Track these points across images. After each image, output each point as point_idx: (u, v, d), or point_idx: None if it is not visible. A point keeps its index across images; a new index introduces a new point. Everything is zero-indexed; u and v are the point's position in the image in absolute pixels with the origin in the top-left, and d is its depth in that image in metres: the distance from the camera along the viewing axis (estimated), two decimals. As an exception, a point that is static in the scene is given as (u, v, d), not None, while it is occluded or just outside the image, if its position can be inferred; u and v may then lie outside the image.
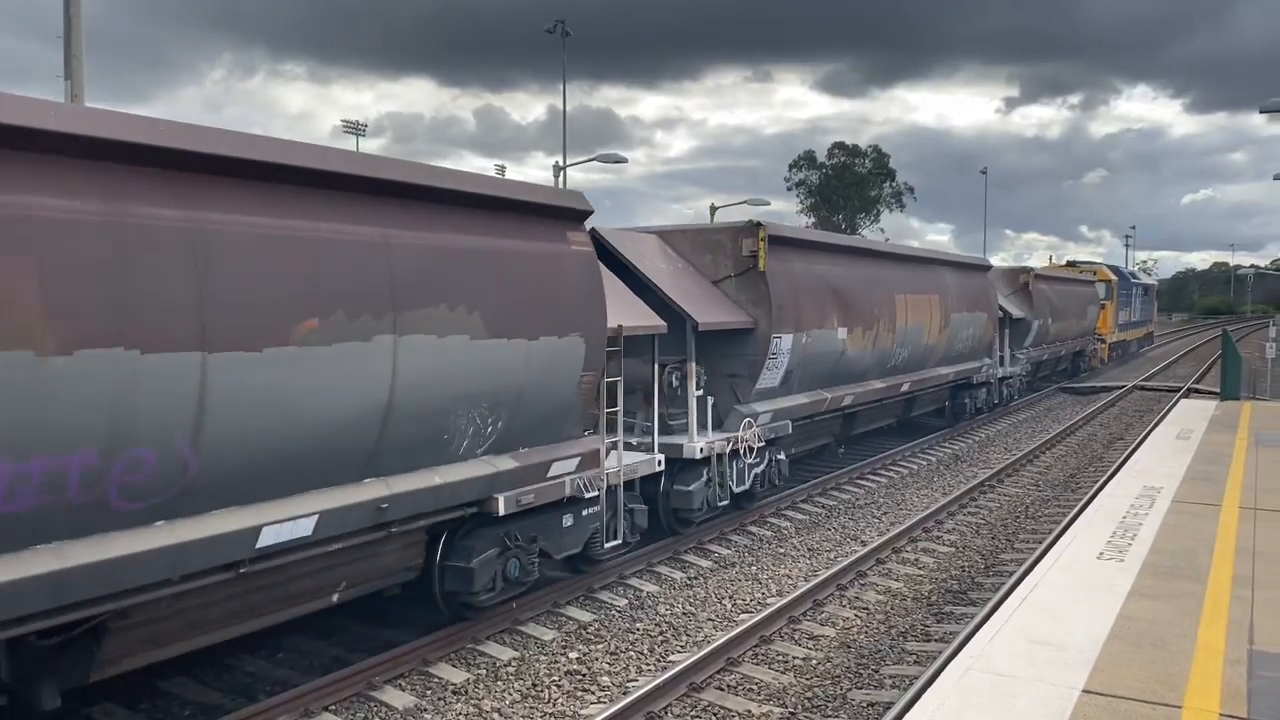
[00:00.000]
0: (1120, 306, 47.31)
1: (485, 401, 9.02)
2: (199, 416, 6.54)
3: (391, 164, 8.34)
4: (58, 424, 5.80)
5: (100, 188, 6.04)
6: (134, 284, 6.11)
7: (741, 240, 14.11)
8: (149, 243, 6.23)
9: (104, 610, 6.45)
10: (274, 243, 7.01)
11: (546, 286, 9.64)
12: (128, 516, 6.36)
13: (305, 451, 7.39)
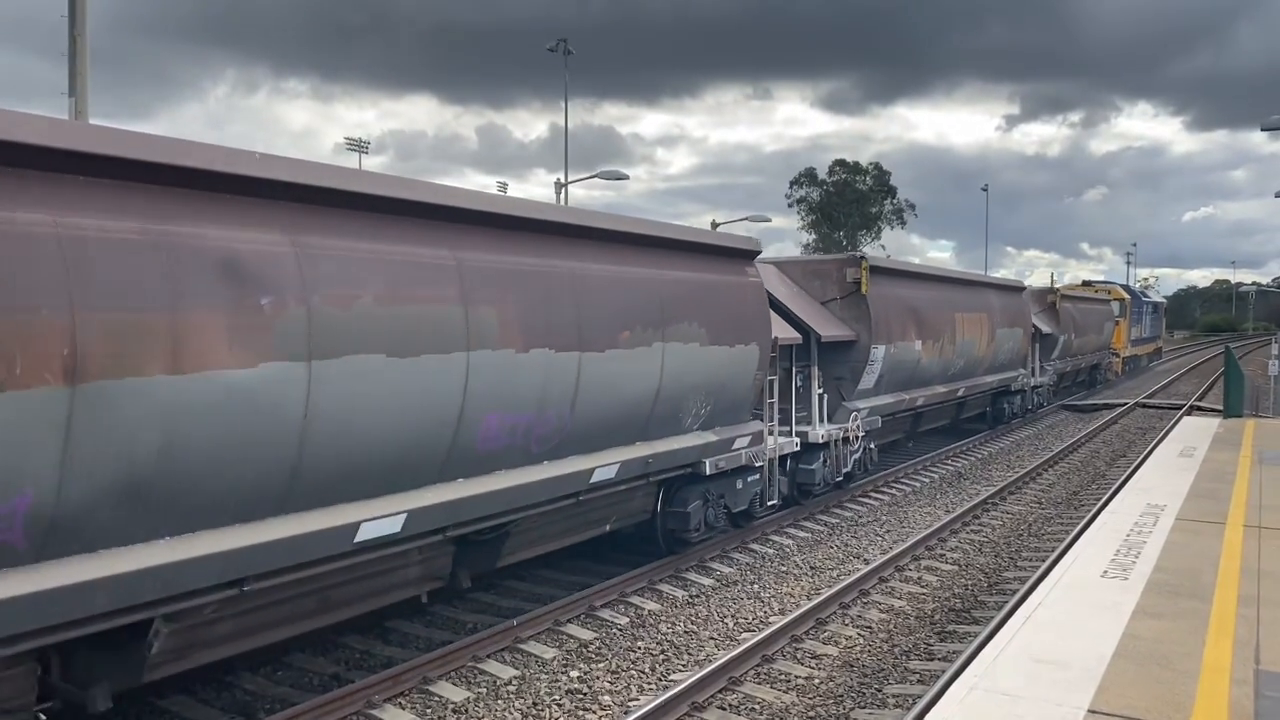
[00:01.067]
0: (1132, 323, 51.23)
1: (703, 390, 12.29)
2: (575, 392, 9.83)
3: (666, 227, 12.23)
4: (518, 395, 9.06)
5: (535, 250, 9.50)
6: (551, 311, 9.45)
7: (846, 269, 17.51)
8: (557, 285, 9.64)
9: (522, 514, 9.83)
10: (610, 282, 10.46)
11: (735, 307, 12.89)
12: (537, 455, 9.68)
13: (620, 420, 10.82)
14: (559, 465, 9.96)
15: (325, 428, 7.20)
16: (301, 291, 7.01)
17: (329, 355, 7.16)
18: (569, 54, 44.45)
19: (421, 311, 8.00)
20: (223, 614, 7.44)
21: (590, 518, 11.60)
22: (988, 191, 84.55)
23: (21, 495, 5.61)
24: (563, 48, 44.32)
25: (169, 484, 6.33)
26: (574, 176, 47.66)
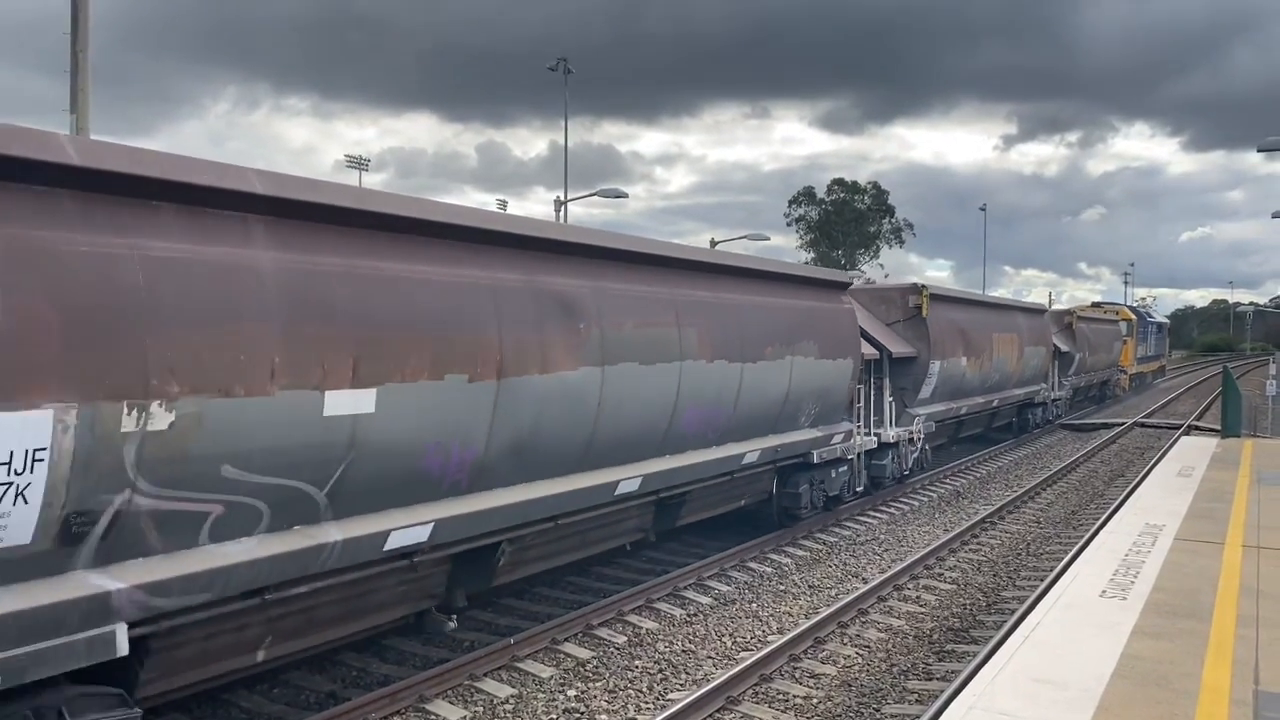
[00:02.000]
0: (1139, 342, 54.54)
1: (814, 395, 15.26)
2: (738, 393, 12.85)
3: (791, 266, 16.36)
4: (706, 393, 12.01)
5: (715, 287, 12.56)
6: (725, 331, 12.45)
7: (909, 296, 20.63)
8: (729, 312, 12.69)
9: (700, 484, 12.98)
10: (759, 309, 13.58)
11: (836, 328, 15.91)
12: (712, 440, 12.72)
13: (762, 416, 13.84)
14: (724, 449, 13.10)
15: (608, 412, 10.25)
16: (598, 319, 10.08)
17: (611, 362, 10.22)
18: (569, 73, 44.68)
19: (656, 332, 11.12)
20: (536, 542, 10.49)
21: (733, 493, 14.66)
22: (985, 211, 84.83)
23: (471, 449, 8.55)
24: (563, 67, 44.54)
25: (534, 446, 9.33)
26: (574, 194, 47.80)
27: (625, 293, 10.67)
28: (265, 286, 6.73)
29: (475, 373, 8.38)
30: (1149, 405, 45.22)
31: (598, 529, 11.72)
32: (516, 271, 9.14)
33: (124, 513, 6.00)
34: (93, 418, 5.69)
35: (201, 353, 6.26)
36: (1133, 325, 52.74)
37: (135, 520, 6.10)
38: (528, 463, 9.33)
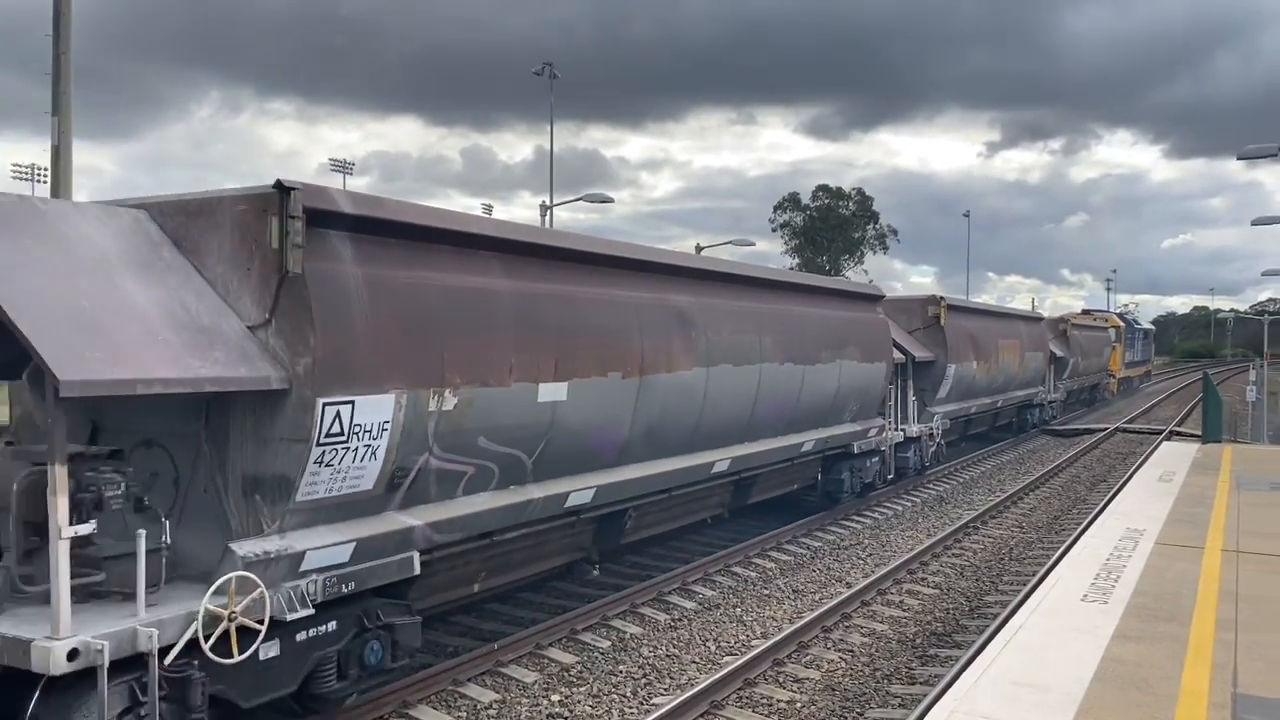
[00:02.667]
0: (1126, 348, 57.54)
1: (856, 394, 17.66)
2: (800, 391, 15.28)
3: (840, 281, 19.56)
4: (777, 391, 14.45)
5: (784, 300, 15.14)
6: (791, 338, 14.82)
7: (928, 306, 23.28)
8: (794, 322, 15.06)
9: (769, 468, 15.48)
10: (817, 319, 15.94)
11: (872, 336, 18.34)
12: (779, 431, 15.21)
13: (817, 411, 16.34)
14: (788, 439, 15.55)
15: (710, 405, 12.62)
16: (704, 329, 12.46)
17: (713, 364, 12.55)
18: (555, 78, 44.72)
19: (743, 339, 13.49)
20: (651, 510, 12.83)
21: (790, 477, 17.07)
22: (969, 217, 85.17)
23: (620, 431, 10.97)
24: (548, 71, 44.59)
25: (660, 430, 11.71)
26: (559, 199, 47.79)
27: (721, 307, 13.16)
28: (504, 306, 9.13)
29: (626, 371, 10.80)
30: (1131, 411, 45.76)
31: (693, 502, 14.18)
32: (651, 291, 11.67)
33: (422, 469, 8.34)
34: (414, 400, 8.00)
35: (471, 354, 8.59)
36: (1120, 332, 55.69)
37: (427, 475, 8.43)
38: (655, 444, 11.85)
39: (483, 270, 9.03)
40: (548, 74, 44.55)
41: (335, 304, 7.40)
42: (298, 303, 7.21)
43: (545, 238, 10.57)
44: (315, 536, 7.56)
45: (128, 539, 6.66)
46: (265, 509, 7.27)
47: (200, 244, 7.61)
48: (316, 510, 7.55)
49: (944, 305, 23.34)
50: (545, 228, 13.55)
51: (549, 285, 9.84)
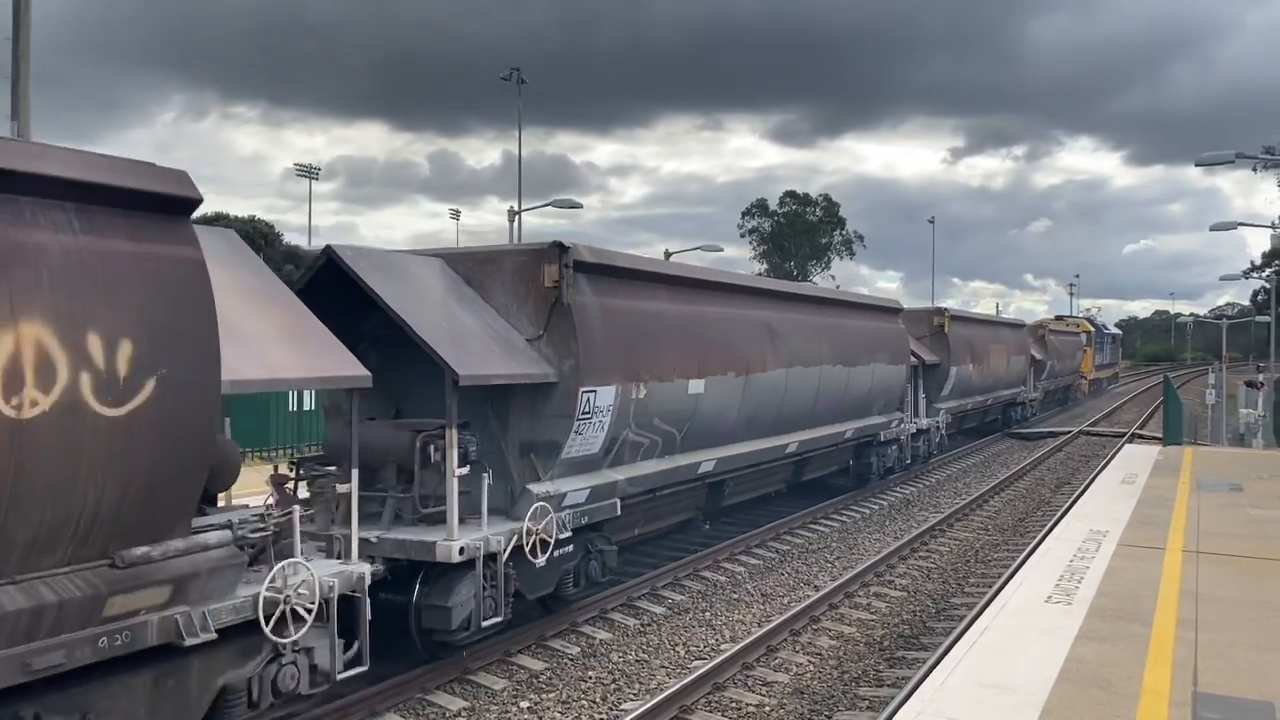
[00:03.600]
0: (1096, 351, 61.77)
1: (883, 390, 21.05)
2: (846, 388, 18.60)
3: (872, 298, 22.43)
4: (830, 388, 17.84)
5: (834, 314, 18.95)
6: (839, 344, 18.12)
7: (934, 316, 27.24)
8: (841, 331, 18.46)
9: (821, 451, 18.97)
10: (856, 330, 19.14)
11: (895, 342, 21.82)
12: (829, 420, 18.43)
13: (856, 404, 19.51)
14: (835, 427, 18.94)
15: (788, 398, 16.14)
16: (785, 338, 15.87)
17: (789, 366, 15.97)
18: (523, 83, 44.65)
19: (809, 346, 16.74)
20: (739, 481, 16.05)
21: (831, 460, 20.43)
22: (934, 223, 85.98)
23: (731, 417, 14.22)
24: (516, 77, 44.51)
25: (756, 417, 15.05)
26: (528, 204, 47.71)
27: (795, 320, 16.72)
28: (669, 323, 12.77)
29: (737, 371, 14.28)
30: (1095, 414, 46.42)
31: (767, 477, 17.53)
32: (750, 310, 15.22)
33: (624, 440, 11.82)
34: (623, 390, 11.43)
35: (652, 358, 12.09)
36: (1091, 336, 60.07)
37: (625, 445, 11.94)
38: (752, 428, 15.22)
39: (654, 297, 12.65)
40: (516, 80, 44.48)
41: (586, 323, 10.77)
42: (564, 323, 10.67)
43: (689, 271, 15.03)
44: (570, 484, 11.10)
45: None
46: (540, 465, 10.78)
47: (486, 283, 11.04)
48: (570, 465, 11.08)
49: (948, 316, 27.41)
50: (693, 265, 18.62)
51: (693, 307, 13.50)
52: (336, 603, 7.83)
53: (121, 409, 6.03)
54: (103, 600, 6.12)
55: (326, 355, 7.95)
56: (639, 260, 13.11)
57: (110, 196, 6.17)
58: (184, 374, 6.33)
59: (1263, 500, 15.30)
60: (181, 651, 6.64)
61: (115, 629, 6.21)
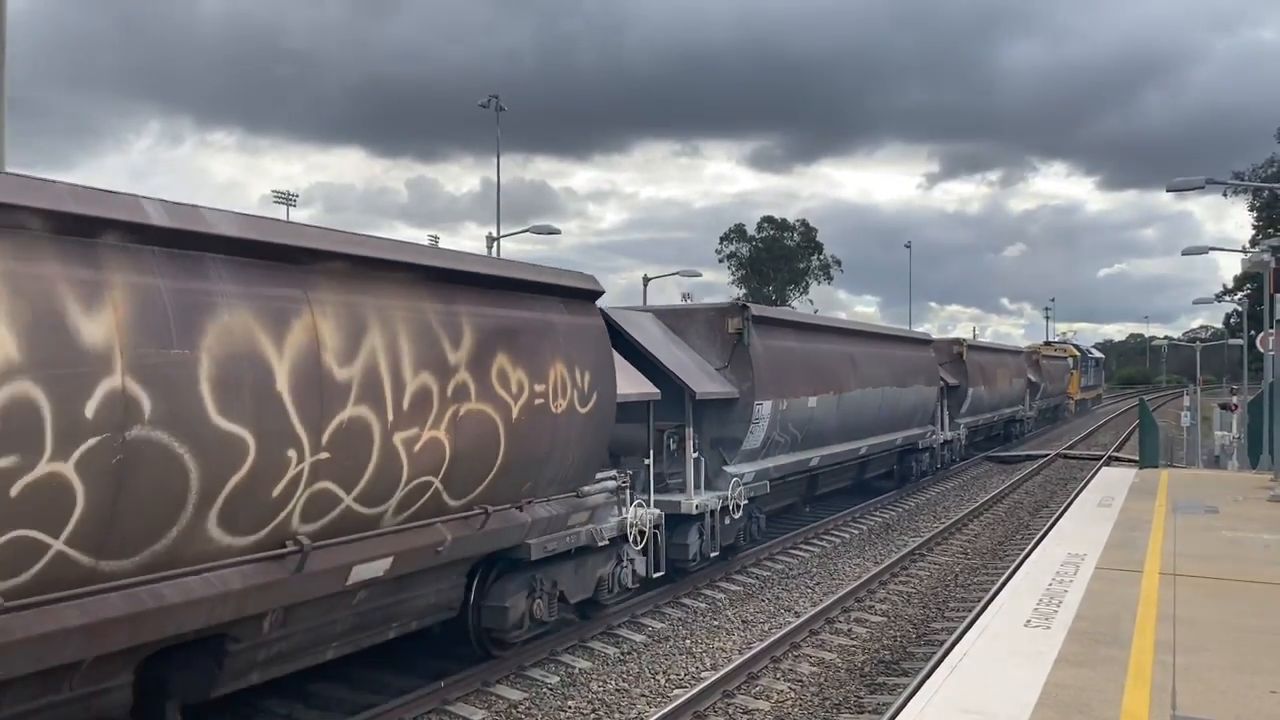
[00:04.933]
0: (1082, 374, 67.19)
1: (921, 406, 25.93)
2: (896, 404, 23.87)
3: (911, 332, 29.84)
4: (884, 404, 22.78)
5: (883, 346, 23.75)
6: (890, 370, 23.14)
7: (954, 346, 32.24)
8: (891, 360, 23.43)
9: (877, 455, 23.99)
10: (901, 359, 24.31)
11: (929, 367, 26.79)
12: (881, 429, 23.24)
13: (901, 418, 24.64)
14: (889, 436, 23.76)
15: (863, 412, 20.82)
16: (861, 364, 20.80)
17: (863, 387, 20.80)
18: (501, 110, 44.79)
19: (875, 370, 21.54)
20: (827, 476, 21.14)
21: (882, 463, 25.33)
22: (911, 248, 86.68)
23: (831, 424, 19.31)
24: (494, 104, 44.64)
25: (843, 425, 20.02)
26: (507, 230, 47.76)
27: (865, 351, 21.71)
28: (797, 356, 17.57)
29: (834, 391, 19.14)
30: (1072, 437, 46.86)
31: (844, 473, 22.58)
32: (838, 344, 20.37)
33: (772, 439, 16.47)
34: (775, 404, 16.17)
35: (790, 382, 16.98)
36: (1077, 360, 65.77)
37: (772, 442, 16.60)
38: (841, 433, 20.04)
39: (788, 338, 17.59)
40: (494, 106, 44.62)
41: (757, 358, 15.71)
42: (743, 358, 15.68)
43: (806, 318, 21.84)
44: (744, 468, 16.09)
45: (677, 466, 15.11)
46: (725, 454, 15.77)
47: (684, 330, 16.00)
48: (744, 455, 16.06)
49: (965, 345, 32.79)
50: (806, 313, 27.09)
51: (809, 345, 18.52)
52: (649, 533, 12.96)
53: (586, 409, 10.92)
54: (566, 517, 11.07)
55: (637, 381, 13.17)
56: (780, 312, 20.22)
57: (575, 293, 11.21)
58: (605, 390, 11.37)
59: (1238, 523, 15.42)
60: (590, 550, 11.71)
61: (571, 533, 11.17)
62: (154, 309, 6.43)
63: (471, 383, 9.04)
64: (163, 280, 6.56)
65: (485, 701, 10.05)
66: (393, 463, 8.20)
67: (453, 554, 9.27)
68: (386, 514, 8.40)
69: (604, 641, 12.21)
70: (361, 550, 8.17)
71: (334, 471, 7.67)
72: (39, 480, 5.74)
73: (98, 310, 6.09)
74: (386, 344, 8.13)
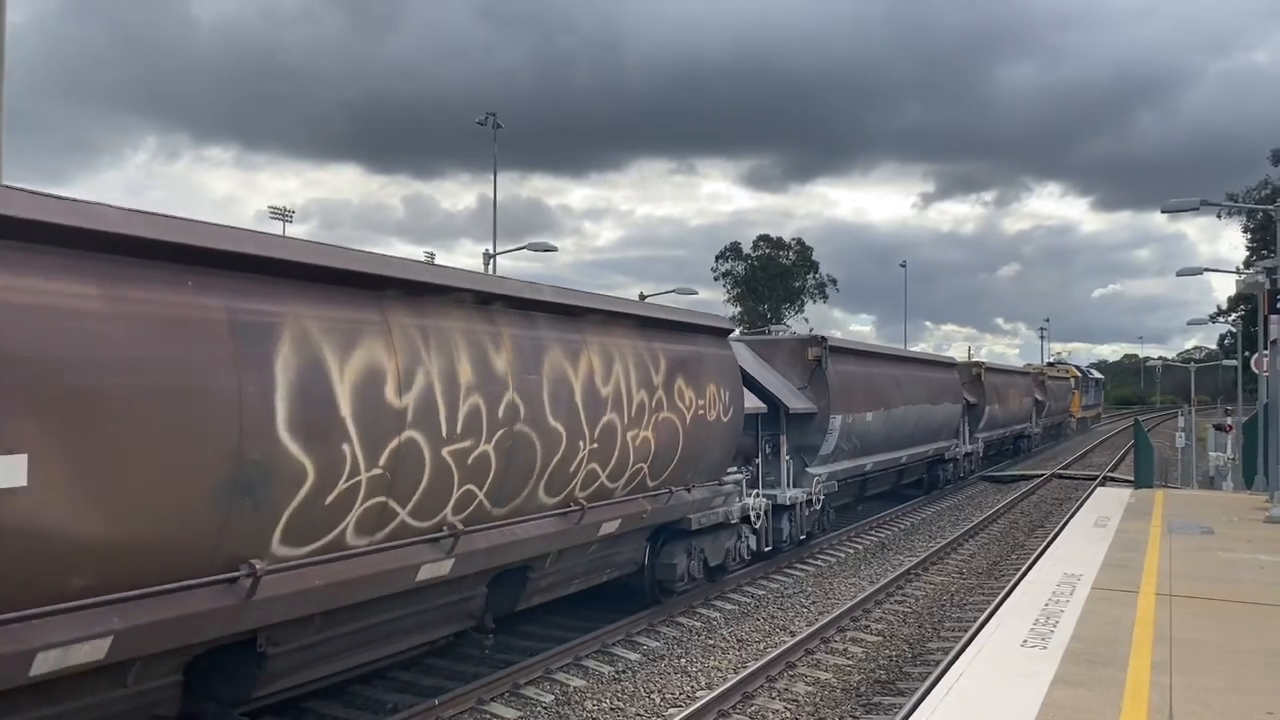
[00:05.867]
0: (1083, 394, 71.81)
1: (946, 422, 29.76)
2: (930, 419, 27.67)
3: (941, 357, 32.98)
4: (921, 419, 26.79)
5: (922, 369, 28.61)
6: (925, 390, 27.21)
7: (974, 368, 35.85)
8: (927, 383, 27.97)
9: (915, 462, 28.56)
10: (934, 380, 28.60)
11: (952, 388, 30.68)
12: (916, 441, 27.14)
13: (933, 431, 28.57)
14: (923, 447, 27.40)
15: (905, 424, 24.90)
16: (903, 385, 24.73)
17: (906, 404, 24.77)
18: (498, 127, 44.95)
19: (916, 390, 25.75)
20: (872, 480, 25.02)
21: (915, 472, 29.43)
22: (906, 267, 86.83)
23: (881, 435, 23.01)
24: (492, 121, 44.80)
25: (889, 436, 23.90)
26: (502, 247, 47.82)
27: (907, 373, 25.44)
28: (859, 378, 21.37)
29: (885, 407, 22.50)
30: (1067, 457, 46.97)
31: (886, 479, 26.53)
32: (888, 368, 23.95)
33: (840, 447, 20.37)
34: (844, 418, 20.17)
35: (854, 399, 20.79)
36: (1079, 380, 70.08)
37: (840, 450, 20.53)
38: (887, 444, 23.54)
39: (851, 363, 21.18)
40: (491, 124, 44.78)
41: (833, 379, 19.16)
42: (821, 379, 19.30)
43: (866, 345, 24.44)
44: (820, 470, 19.60)
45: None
46: (806, 458, 19.19)
47: (771, 357, 19.61)
48: (820, 460, 19.50)
49: (984, 368, 36.53)
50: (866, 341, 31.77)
51: (866, 368, 22.18)
52: (761, 517, 17.10)
53: (726, 419, 14.41)
54: (711, 499, 14.63)
55: (750, 398, 16.43)
56: (847, 341, 22.76)
57: (717, 331, 15.01)
58: (737, 405, 14.84)
59: (1233, 544, 15.43)
60: (723, 527, 15.37)
61: (714, 512, 14.82)
62: (521, 350, 10.05)
63: (664, 397, 12.70)
64: (522, 331, 10.24)
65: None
66: (626, 452, 11.94)
67: (649, 520, 12.98)
68: (618, 489, 12.07)
69: (599, 660, 12.16)
70: (608, 512, 11.85)
71: (599, 457, 11.35)
72: (479, 454, 9.26)
73: (496, 351, 9.70)
74: (623, 370, 11.78)
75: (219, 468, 6.69)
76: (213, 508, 6.71)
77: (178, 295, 6.62)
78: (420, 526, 8.71)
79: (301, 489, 7.32)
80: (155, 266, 6.55)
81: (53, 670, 5.95)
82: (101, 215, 6.31)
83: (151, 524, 6.37)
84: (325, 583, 7.69)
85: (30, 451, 5.66)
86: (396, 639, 9.35)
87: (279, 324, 7.27)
